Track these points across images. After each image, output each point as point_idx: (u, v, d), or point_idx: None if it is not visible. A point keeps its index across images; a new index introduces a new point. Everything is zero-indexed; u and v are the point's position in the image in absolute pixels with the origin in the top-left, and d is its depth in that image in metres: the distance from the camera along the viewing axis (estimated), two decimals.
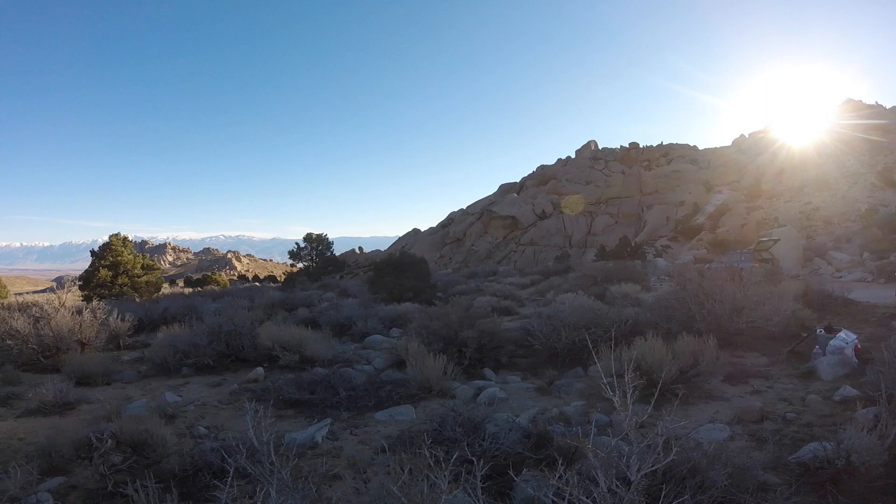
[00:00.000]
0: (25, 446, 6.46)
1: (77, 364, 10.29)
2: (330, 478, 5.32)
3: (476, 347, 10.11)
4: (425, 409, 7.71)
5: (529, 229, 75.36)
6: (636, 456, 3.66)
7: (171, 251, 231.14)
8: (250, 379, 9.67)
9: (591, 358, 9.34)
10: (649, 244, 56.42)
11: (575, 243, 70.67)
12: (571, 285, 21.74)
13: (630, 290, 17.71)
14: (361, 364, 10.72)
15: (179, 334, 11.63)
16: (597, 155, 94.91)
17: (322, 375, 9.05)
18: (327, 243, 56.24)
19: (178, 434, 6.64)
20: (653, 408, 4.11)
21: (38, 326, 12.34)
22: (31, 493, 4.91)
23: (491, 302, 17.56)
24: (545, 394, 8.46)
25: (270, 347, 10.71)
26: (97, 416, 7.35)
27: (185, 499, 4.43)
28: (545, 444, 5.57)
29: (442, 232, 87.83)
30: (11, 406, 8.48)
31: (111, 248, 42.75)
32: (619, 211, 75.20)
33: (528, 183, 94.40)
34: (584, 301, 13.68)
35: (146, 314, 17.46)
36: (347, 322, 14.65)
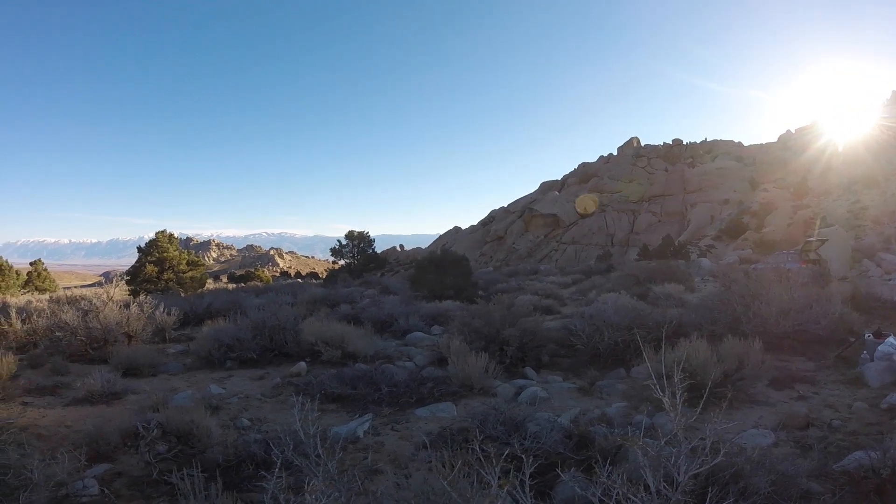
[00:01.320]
0: (73, 434, 6.57)
1: (124, 356, 10.47)
2: (371, 472, 5.33)
3: (518, 346, 10.04)
4: (466, 406, 7.67)
5: (571, 228, 74.79)
6: (684, 457, 3.60)
7: (216, 248, 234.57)
8: (293, 373, 9.74)
9: (634, 359, 9.28)
10: (693, 244, 55.64)
11: (617, 242, 69.98)
12: (614, 285, 21.49)
13: (674, 291, 17.45)
14: (403, 361, 10.71)
15: (224, 328, 11.80)
16: (639, 152, 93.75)
17: (364, 371, 9.08)
18: (369, 241, 56.62)
19: (222, 425, 6.70)
20: (698, 411, 4.03)
21: (87, 319, 12.61)
22: (78, 479, 4.99)
23: (532, 301, 17.43)
24: (587, 394, 8.37)
25: (313, 343, 10.78)
26: (143, 406, 7.47)
27: (228, 488, 4.46)
28: (586, 444, 5.51)
29: (483, 230, 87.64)
30: (60, 395, 8.66)
31: (157, 244, 43.58)
32: (663, 209, 74.21)
33: (569, 181, 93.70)
34: (626, 301, 13.54)
35: (191, 308, 17.68)
36: (389, 319, 14.66)
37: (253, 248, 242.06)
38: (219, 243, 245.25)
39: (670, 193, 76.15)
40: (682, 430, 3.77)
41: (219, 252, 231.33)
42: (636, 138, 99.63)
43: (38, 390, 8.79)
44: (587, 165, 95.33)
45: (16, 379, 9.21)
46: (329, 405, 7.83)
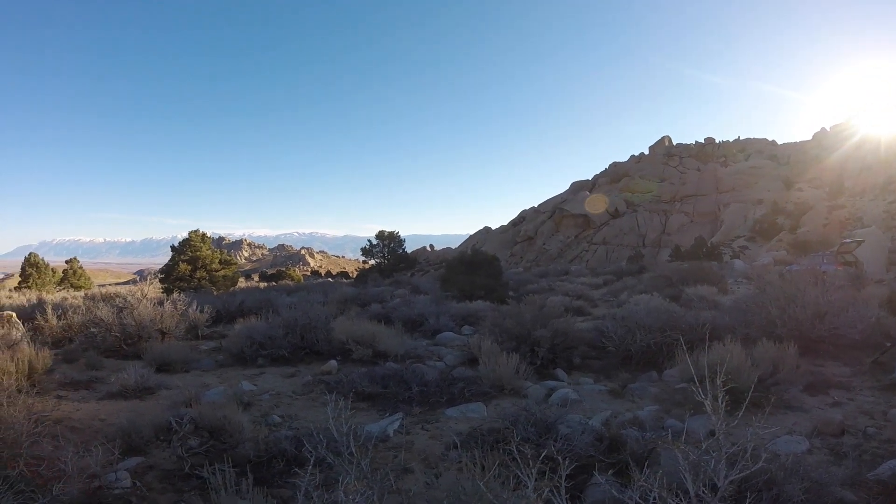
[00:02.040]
0: (106, 427, 6.61)
1: (157, 352, 10.60)
2: (402, 471, 5.30)
3: (549, 347, 9.95)
4: (496, 407, 7.60)
5: (602, 228, 74.23)
6: (724, 462, 3.52)
7: (247, 247, 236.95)
8: (324, 371, 9.76)
9: (666, 362, 9.14)
10: (726, 245, 54.96)
11: (649, 243, 69.30)
12: (646, 286, 21.29)
13: (706, 293, 17.22)
14: (433, 360, 10.68)
15: (256, 326, 11.88)
16: (671, 151, 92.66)
17: (394, 370, 9.05)
18: (399, 241, 56.67)
19: (253, 421, 6.72)
20: (730, 416, 3.93)
21: (122, 316, 12.81)
22: (111, 472, 5.02)
23: (563, 302, 17.32)
24: (618, 397, 8.25)
25: (344, 341, 10.79)
26: (176, 401, 7.53)
27: (259, 484, 4.46)
28: (618, 448, 5.42)
29: (513, 230, 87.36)
30: (94, 389, 8.78)
31: (190, 243, 44.11)
32: (695, 209, 73.29)
33: (600, 180, 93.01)
34: (659, 303, 13.38)
35: (223, 306, 17.85)
36: (419, 318, 14.66)
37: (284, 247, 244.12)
38: (250, 243, 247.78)
39: (703, 193, 75.15)
40: (711, 436, 3.69)
41: (250, 251, 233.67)
42: (667, 137, 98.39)
43: (72, 384, 8.92)
44: (618, 165, 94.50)
45: (51, 373, 9.36)
46: (359, 403, 7.82)
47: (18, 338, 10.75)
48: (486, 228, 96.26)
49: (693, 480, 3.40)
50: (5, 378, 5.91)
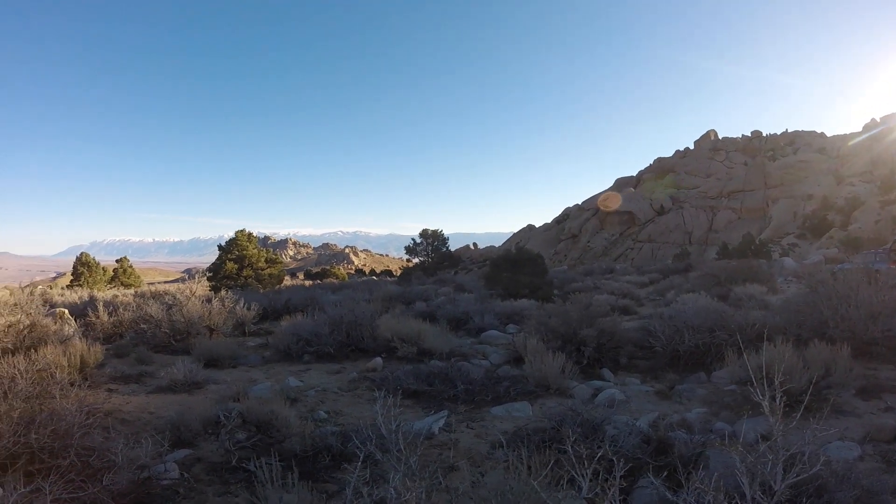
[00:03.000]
0: (155, 419, 6.74)
1: (206, 348, 10.76)
2: (447, 469, 5.26)
3: (595, 347, 9.80)
4: (542, 406, 7.50)
5: (647, 225, 73.12)
6: (781, 465, 3.42)
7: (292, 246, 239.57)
8: (369, 368, 9.78)
9: (715, 363, 8.93)
10: (775, 242, 53.79)
11: (695, 240, 68.05)
12: (693, 285, 20.92)
13: (755, 292, 16.83)
14: (478, 359, 10.62)
15: (302, 323, 11.98)
16: (717, 145, 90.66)
17: (440, 368, 9.01)
18: (443, 239, 56.65)
19: (299, 417, 6.73)
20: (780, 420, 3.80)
21: (171, 313, 13.04)
22: (160, 463, 5.08)
23: (609, 300, 17.11)
24: (665, 398, 8.07)
25: (389, 339, 10.80)
26: (224, 395, 7.62)
27: (304, 478, 4.46)
28: (665, 450, 5.30)
29: (557, 228, 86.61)
30: (144, 383, 8.95)
31: (237, 242, 44.76)
32: (742, 205, 71.59)
33: (645, 176, 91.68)
34: (707, 302, 13.13)
35: (270, 304, 18.04)
36: (464, 317, 14.62)
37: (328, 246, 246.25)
38: (295, 242, 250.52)
39: (750, 188, 73.22)
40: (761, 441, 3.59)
41: (295, 250, 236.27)
42: (713, 131, 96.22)
43: (122, 378, 9.10)
44: (663, 160, 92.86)
45: (102, 367, 9.55)
46: (405, 401, 7.79)
47: (71, 333, 10.99)
48: (530, 226, 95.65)
49: (750, 484, 3.29)
50: (58, 371, 6.01)
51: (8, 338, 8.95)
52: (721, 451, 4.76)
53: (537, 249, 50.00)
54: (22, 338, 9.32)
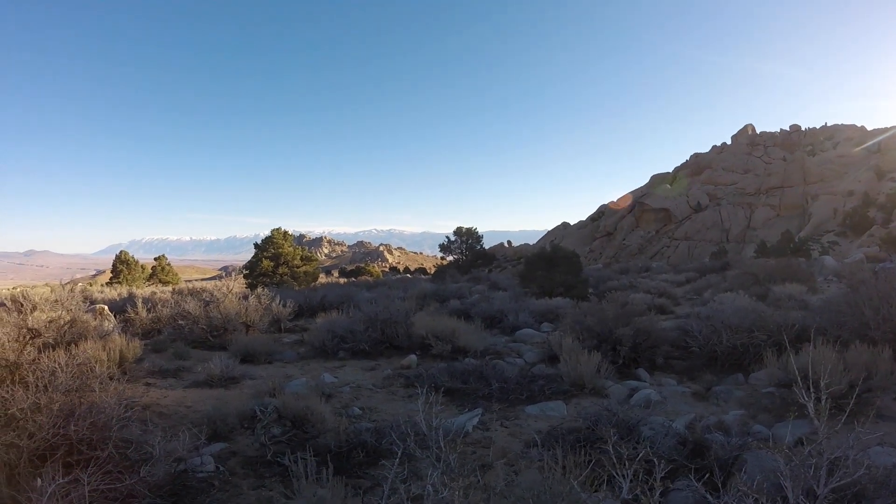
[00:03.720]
0: (192, 413, 6.80)
1: (242, 344, 10.87)
2: (481, 467, 5.23)
3: (631, 346, 9.67)
4: (577, 406, 7.43)
5: (684, 223, 71.97)
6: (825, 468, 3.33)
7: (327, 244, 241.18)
8: (403, 365, 9.79)
9: (753, 364, 8.76)
10: (815, 240, 52.74)
11: (733, 238, 66.82)
12: (731, 284, 20.58)
13: (794, 291, 16.49)
14: (512, 357, 10.56)
15: (337, 320, 12.05)
16: (754, 140, 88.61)
17: (474, 366, 8.97)
18: (477, 237, 56.54)
19: (334, 413, 6.74)
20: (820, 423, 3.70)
21: (208, 309, 13.20)
22: (196, 456, 5.14)
23: (645, 299, 16.92)
24: (702, 399, 7.93)
25: (424, 336, 10.80)
26: (260, 390, 7.68)
27: (339, 474, 4.47)
28: (702, 452, 5.21)
29: (592, 226, 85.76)
30: (181, 378, 9.07)
31: (273, 241, 45.17)
32: (781, 202, 70.02)
33: (681, 173, 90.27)
34: (745, 302, 12.92)
35: (305, 301, 18.16)
36: (498, 315, 14.54)
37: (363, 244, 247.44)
38: (330, 240, 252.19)
39: (789, 185, 71.45)
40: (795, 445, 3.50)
41: (330, 248, 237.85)
42: (751, 125, 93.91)
43: (160, 373, 9.23)
44: (699, 156, 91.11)
45: (140, 362, 9.69)
46: (438, 398, 7.79)
47: (110, 329, 11.16)
48: (565, 224, 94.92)
49: (794, 487, 3.21)
50: (98, 366, 6.09)
51: (49, 333, 9.10)
52: (759, 454, 4.67)
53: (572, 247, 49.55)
54: (62, 333, 9.47)
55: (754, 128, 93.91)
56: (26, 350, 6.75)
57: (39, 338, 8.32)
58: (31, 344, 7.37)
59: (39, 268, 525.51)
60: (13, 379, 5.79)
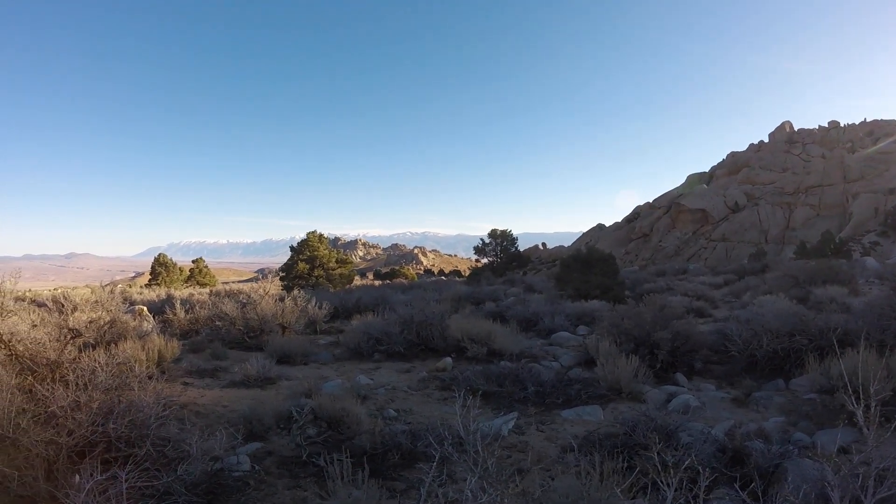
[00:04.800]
0: (229, 413, 6.86)
1: (278, 344, 10.96)
2: (516, 472, 5.17)
3: (669, 350, 9.51)
4: (613, 410, 7.32)
5: (721, 223, 70.53)
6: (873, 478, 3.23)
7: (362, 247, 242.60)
8: (438, 368, 9.76)
9: (794, 369, 8.56)
10: (855, 240, 51.47)
11: (771, 239, 65.31)
12: (770, 286, 20.19)
13: (836, 294, 16.09)
14: (548, 360, 10.47)
15: (372, 322, 12.09)
16: (792, 138, 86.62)
17: (510, 369, 8.90)
18: (511, 239, 56.38)
19: (369, 414, 6.74)
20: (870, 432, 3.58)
21: (245, 311, 13.34)
22: (232, 455, 5.18)
23: (682, 302, 16.67)
24: (741, 406, 7.74)
25: (459, 339, 10.76)
26: (295, 391, 7.70)
27: (373, 475, 4.46)
28: (741, 460, 5.09)
29: (627, 227, 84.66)
30: (218, 378, 9.17)
31: (309, 243, 45.57)
32: (821, 201, 68.23)
33: (717, 172, 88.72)
34: (785, 305, 12.66)
35: (341, 303, 18.26)
36: (534, 317, 14.44)
37: (397, 246, 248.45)
38: (365, 242, 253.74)
39: (829, 183, 69.34)
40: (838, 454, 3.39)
41: (365, 251, 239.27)
42: (788, 122, 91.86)
43: (198, 372, 9.35)
44: (736, 155, 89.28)
45: (178, 362, 9.82)
46: (473, 401, 7.74)
47: (149, 329, 11.32)
48: (600, 225, 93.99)
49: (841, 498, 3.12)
50: (137, 365, 6.16)
51: (89, 333, 9.25)
52: (800, 462, 4.56)
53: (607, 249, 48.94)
54: (103, 333, 9.62)
55: (792, 125, 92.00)
56: (67, 349, 6.85)
57: (80, 337, 8.46)
58: (72, 343, 7.48)
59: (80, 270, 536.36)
60: (54, 377, 5.87)
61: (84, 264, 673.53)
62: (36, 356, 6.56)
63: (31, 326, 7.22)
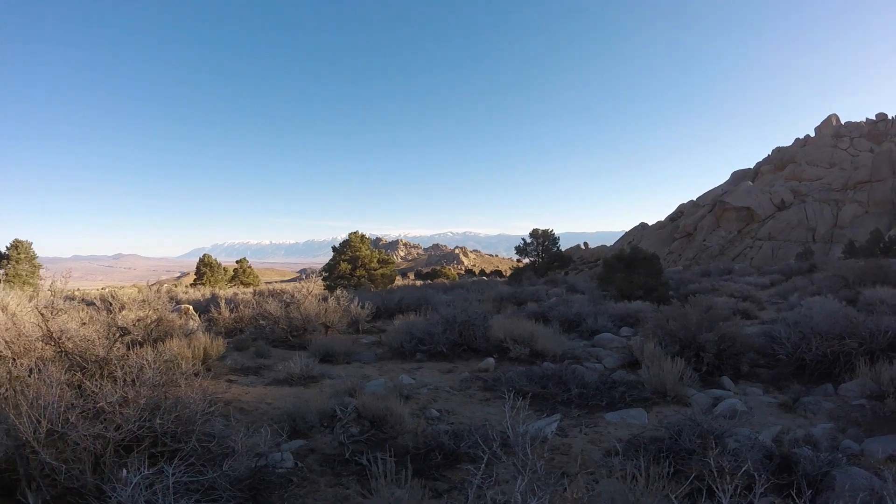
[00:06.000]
0: (272, 410, 6.94)
1: (321, 344, 11.04)
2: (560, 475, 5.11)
3: (715, 353, 9.32)
4: (658, 414, 7.19)
5: (767, 222, 68.98)
6: None
7: (403, 247, 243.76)
8: (481, 368, 9.71)
9: (844, 374, 8.33)
10: None
11: (819, 238, 63.68)
12: (818, 287, 19.78)
13: (886, 295, 15.62)
14: (591, 362, 10.34)
15: (415, 322, 12.11)
16: (839, 132, 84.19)
17: (553, 370, 8.82)
18: (553, 239, 56.03)
19: (412, 414, 6.74)
20: None
21: (289, 310, 13.48)
22: (276, 452, 5.22)
23: (728, 303, 16.37)
24: (788, 411, 7.52)
25: (502, 339, 10.71)
26: (338, 390, 7.73)
27: (415, 475, 4.43)
28: (789, 467, 4.95)
29: (670, 226, 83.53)
30: (262, 375, 9.27)
31: (350, 244, 45.96)
32: (870, 198, 66.10)
33: (763, 168, 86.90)
34: (835, 306, 12.36)
35: (383, 303, 18.34)
36: (577, 318, 14.33)
37: (438, 247, 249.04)
38: (406, 243, 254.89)
39: (878, 178, 66.96)
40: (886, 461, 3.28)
41: (406, 251, 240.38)
42: (835, 115, 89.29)
43: (242, 370, 9.48)
44: (782, 150, 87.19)
45: (223, 359, 9.96)
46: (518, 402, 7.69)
47: (195, 328, 11.50)
48: (643, 224, 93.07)
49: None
50: (183, 362, 6.24)
51: (137, 331, 9.43)
52: (849, 470, 4.45)
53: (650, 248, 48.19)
54: (149, 331, 9.80)
55: (839, 118, 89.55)
56: (115, 347, 6.95)
57: (128, 335, 8.61)
58: (120, 341, 7.61)
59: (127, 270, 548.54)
60: (102, 374, 5.97)
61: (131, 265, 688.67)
62: (85, 353, 6.68)
63: (81, 324, 7.35)
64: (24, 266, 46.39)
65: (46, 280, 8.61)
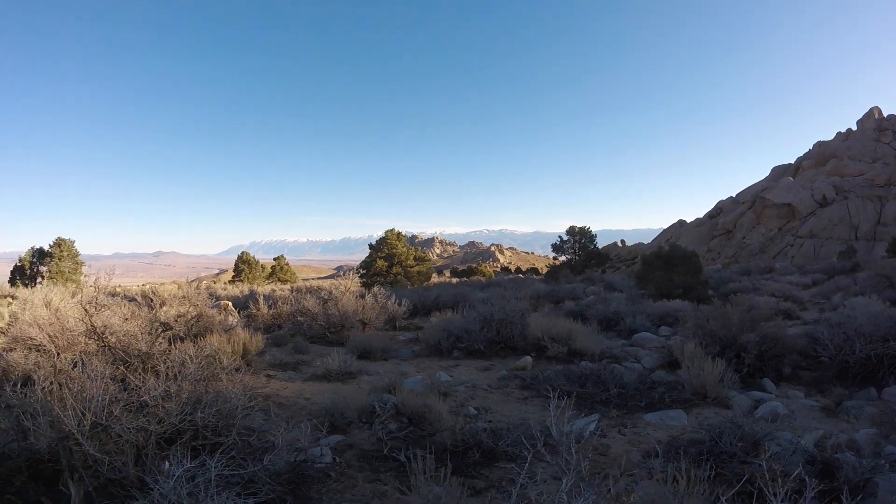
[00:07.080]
0: (310, 405, 7.00)
1: (359, 340, 11.13)
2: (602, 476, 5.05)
3: (756, 354, 9.13)
4: (698, 416, 7.07)
5: (808, 219, 67.39)
6: None
7: (439, 244, 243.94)
8: (518, 366, 9.66)
9: (889, 377, 8.13)
10: None
11: (862, 235, 62.00)
12: (861, 287, 19.35)
13: None
14: (630, 361, 10.23)
15: (452, 320, 12.08)
16: (882, 125, 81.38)
17: (591, 370, 8.72)
18: (590, 236, 55.66)
19: (450, 411, 6.73)
20: None
21: (327, 307, 13.60)
22: (315, 447, 5.26)
23: (769, 303, 16.08)
24: (831, 415, 7.33)
25: (539, 338, 10.65)
26: (376, 386, 7.76)
27: (454, 473, 4.42)
28: (831, 473, 4.83)
29: (709, 223, 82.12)
30: (300, 371, 9.38)
31: (387, 241, 46.22)
32: None
33: (804, 164, 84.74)
34: (879, 307, 12.08)
35: (419, 300, 18.40)
36: (615, 317, 14.19)
37: (474, 244, 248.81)
38: (442, 240, 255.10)
39: None
40: None
41: (442, 248, 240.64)
42: (877, 108, 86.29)
43: (280, 365, 9.59)
44: (823, 145, 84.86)
45: (262, 355, 10.09)
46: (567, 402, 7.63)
47: (234, 324, 11.63)
48: (681, 222, 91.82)
49: None
50: (224, 357, 6.30)
51: (178, 326, 9.56)
52: (892, 477, 4.35)
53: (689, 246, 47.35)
54: (190, 326, 9.94)
55: (881, 111, 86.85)
56: (158, 342, 7.06)
57: (170, 330, 8.74)
58: (162, 336, 7.72)
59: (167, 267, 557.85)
60: (145, 368, 6.06)
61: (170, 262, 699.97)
62: (128, 348, 6.79)
63: (123, 320, 7.47)
64: (67, 263, 47.45)
65: (89, 277, 8.77)
